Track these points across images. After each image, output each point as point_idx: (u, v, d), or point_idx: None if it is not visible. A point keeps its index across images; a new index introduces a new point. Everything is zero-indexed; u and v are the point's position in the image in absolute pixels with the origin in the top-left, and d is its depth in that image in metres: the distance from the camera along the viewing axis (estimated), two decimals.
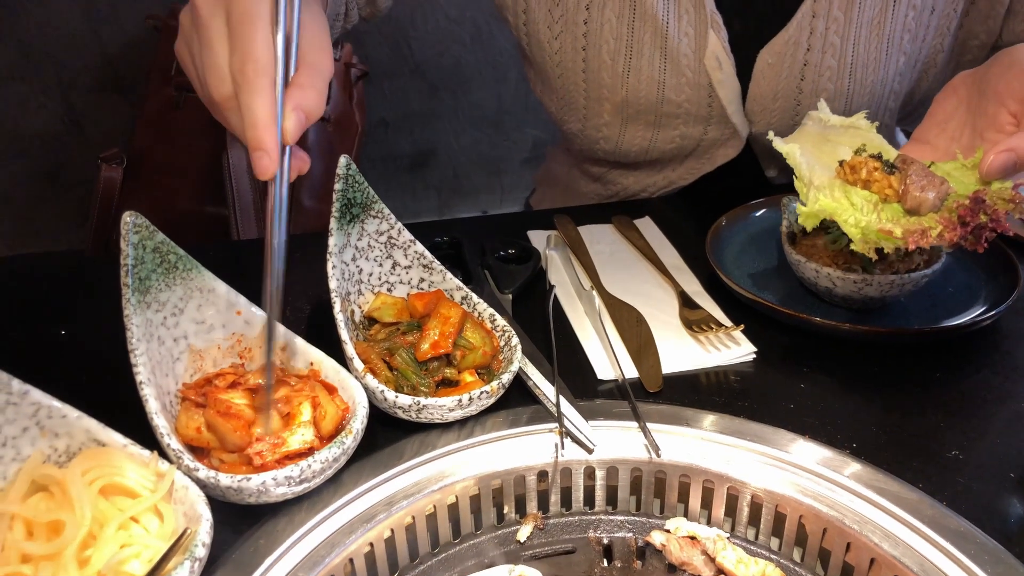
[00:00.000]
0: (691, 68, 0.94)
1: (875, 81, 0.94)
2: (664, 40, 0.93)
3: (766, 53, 0.93)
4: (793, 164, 0.74)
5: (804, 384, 0.71)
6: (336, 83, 1.65)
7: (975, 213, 0.65)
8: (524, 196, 1.36)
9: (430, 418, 0.64)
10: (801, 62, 0.93)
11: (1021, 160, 0.66)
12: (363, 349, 0.67)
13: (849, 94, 0.94)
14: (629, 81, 0.97)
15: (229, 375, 0.63)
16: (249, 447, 0.59)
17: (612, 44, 0.95)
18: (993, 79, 0.71)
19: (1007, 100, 0.69)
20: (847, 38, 0.91)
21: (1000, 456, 0.63)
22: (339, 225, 0.69)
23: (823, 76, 0.93)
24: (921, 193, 0.68)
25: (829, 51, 0.92)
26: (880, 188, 0.71)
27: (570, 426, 0.65)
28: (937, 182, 0.68)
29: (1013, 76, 0.70)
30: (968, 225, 0.65)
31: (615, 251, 0.92)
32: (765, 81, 0.95)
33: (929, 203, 0.68)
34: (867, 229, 0.67)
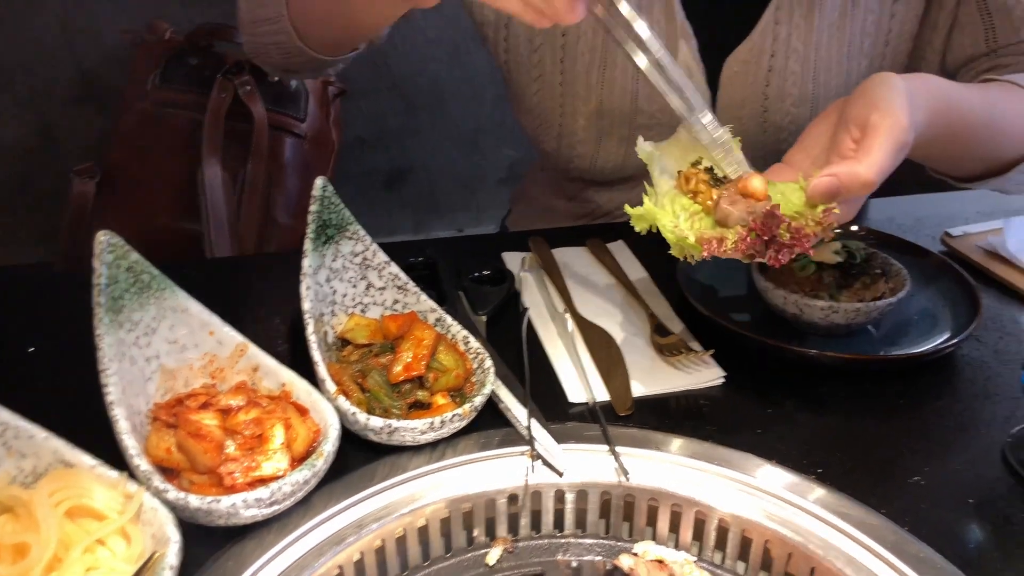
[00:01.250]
0: None
1: (839, 84, 0.96)
2: None
3: (732, 61, 0.96)
4: (649, 169, 0.75)
5: (771, 409, 0.72)
6: (314, 100, 1.65)
7: (768, 227, 0.66)
8: (500, 215, 1.37)
9: (402, 441, 0.64)
10: (766, 68, 0.95)
11: (843, 187, 0.66)
12: (335, 371, 0.67)
13: (814, 98, 0.97)
14: (603, 92, 0.98)
15: (201, 396, 0.63)
16: (220, 468, 0.59)
17: (587, 56, 0.97)
18: (849, 104, 0.72)
19: (850, 126, 0.70)
20: (809, 43, 0.93)
21: (960, 482, 0.64)
22: (314, 246, 0.69)
23: (787, 81, 0.96)
24: (728, 206, 0.69)
25: (792, 56, 0.94)
26: (703, 199, 0.72)
27: (541, 449, 0.66)
28: (751, 201, 0.69)
29: (862, 103, 0.70)
30: (760, 238, 0.66)
31: (588, 274, 0.93)
32: (733, 88, 0.97)
33: (735, 217, 0.68)
34: (680, 236, 0.69)
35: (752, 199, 0.69)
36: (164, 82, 1.53)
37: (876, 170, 0.65)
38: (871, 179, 0.65)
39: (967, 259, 0.93)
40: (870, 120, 0.68)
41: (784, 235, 0.66)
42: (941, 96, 0.76)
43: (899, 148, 0.67)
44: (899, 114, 0.67)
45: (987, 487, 0.64)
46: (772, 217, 0.66)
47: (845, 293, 0.78)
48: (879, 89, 0.70)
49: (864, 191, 0.67)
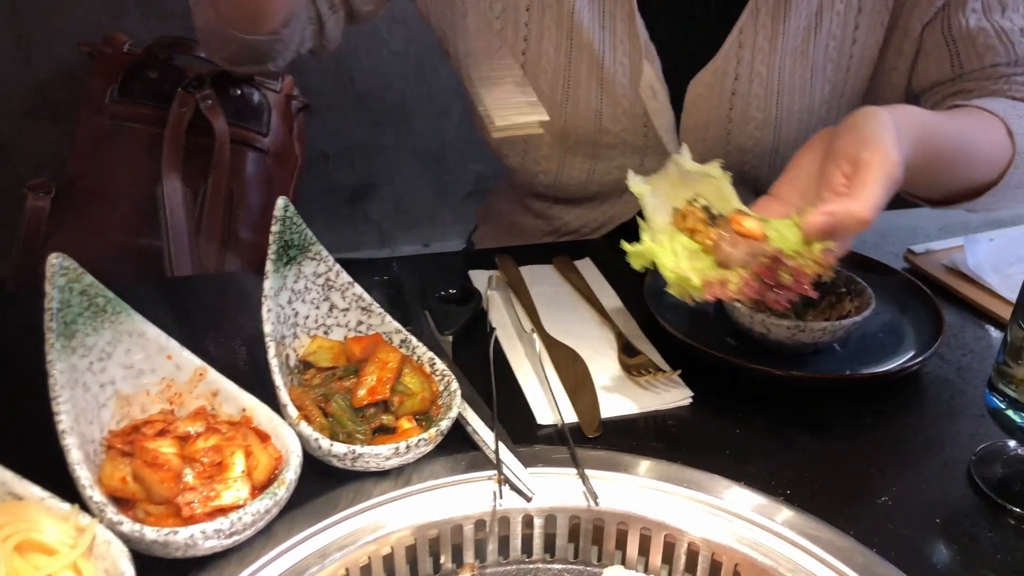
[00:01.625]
0: (627, 98, 0.96)
1: (802, 108, 0.97)
2: (600, 70, 0.95)
3: (696, 84, 0.96)
4: (642, 205, 0.76)
5: (740, 429, 0.72)
6: (277, 114, 1.63)
7: (772, 272, 0.67)
8: (467, 230, 1.36)
9: (366, 467, 0.63)
10: (730, 91, 0.96)
11: (839, 224, 0.67)
12: (297, 395, 0.65)
13: (777, 122, 0.97)
14: (567, 111, 0.98)
15: (158, 422, 0.61)
16: (177, 498, 0.57)
17: (550, 75, 0.97)
18: (837, 138, 0.72)
19: (840, 161, 0.70)
20: (772, 67, 0.94)
21: (926, 502, 0.64)
22: (275, 267, 0.67)
23: (751, 105, 0.96)
24: (730, 248, 0.69)
25: (756, 80, 0.95)
26: (702, 238, 0.72)
27: (509, 474, 0.65)
28: (750, 241, 0.70)
29: (851, 139, 0.70)
30: (764, 284, 0.67)
31: (556, 292, 0.92)
32: (697, 111, 0.97)
33: (737, 259, 0.69)
34: (681, 275, 0.69)
35: (751, 239, 0.69)
36: (122, 96, 1.49)
37: (871, 207, 0.66)
38: (867, 216, 0.66)
39: (930, 276, 0.94)
40: (861, 156, 0.68)
41: (786, 278, 0.66)
42: (921, 127, 0.77)
43: (891, 184, 0.67)
44: (890, 150, 0.68)
45: (953, 506, 0.64)
46: (776, 262, 0.66)
47: (811, 312, 0.78)
48: (868, 124, 0.70)
49: (860, 228, 0.67)
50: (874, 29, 0.95)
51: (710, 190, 0.80)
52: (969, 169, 0.85)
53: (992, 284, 0.89)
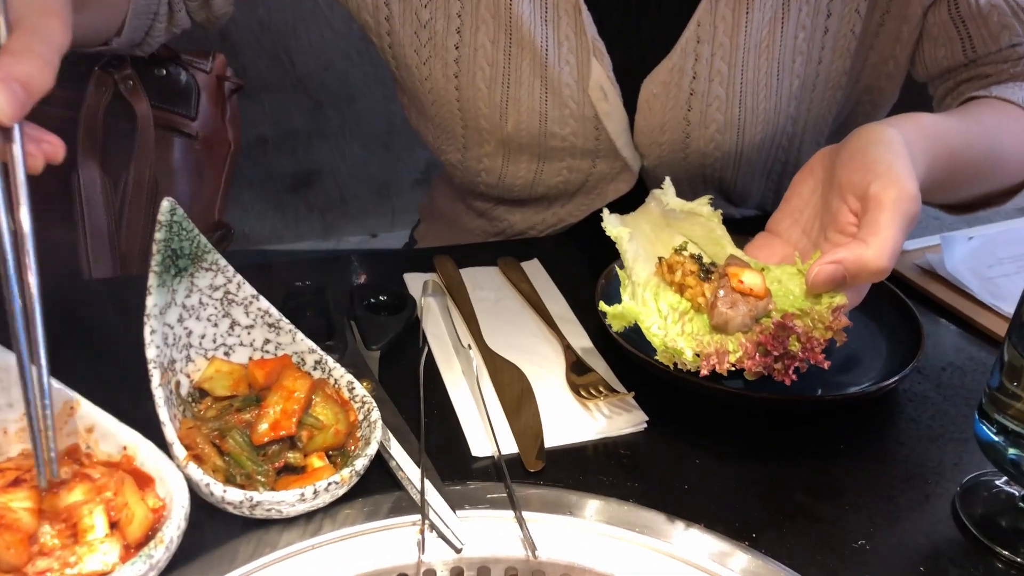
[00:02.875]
0: (575, 99, 0.87)
1: (767, 108, 0.88)
2: (544, 69, 0.86)
3: (650, 83, 0.87)
4: (621, 252, 0.67)
5: (699, 459, 0.64)
6: (207, 97, 1.51)
7: (779, 341, 0.58)
8: (416, 218, 1.27)
9: (267, 515, 0.54)
10: (687, 91, 0.87)
11: (850, 274, 0.58)
12: (188, 431, 0.56)
13: (741, 123, 0.88)
14: (508, 111, 0.88)
15: (10, 471, 0.51)
16: (28, 566, 0.47)
17: (487, 71, 0.87)
18: (839, 166, 0.63)
19: (847, 195, 0.61)
20: (735, 64, 0.85)
21: (907, 545, 0.57)
22: (160, 281, 0.57)
23: (711, 106, 0.87)
24: (729, 310, 0.60)
25: (716, 79, 0.86)
26: (693, 295, 0.64)
27: (436, 519, 0.56)
28: (751, 300, 0.61)
29: (856, 167, 0.61)
30: (770, 355, 0.58)
31: (500, 298, 0.83)
32: (651, 112, 0.88)
33: (737, 323, 0.60)
34: (667, 341, 0.60)
35: (751, 297, 0.60)
36: None
37: (886, 254, 0.57)
38: (882, 265, 0.57)
39: (902, 278, 0.87)
40: (871, 191, 0.59)
41: (795, 346, 0.58)
42: (937, 138, 0.68)
43: (908, 222, 0.58)
44: (904, 182, 0.58)
45: (938, 549, 0.57)
46: (783, 329, 0.58)
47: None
48: (875, 149, 0.61)
49: (874, 279, 0.59)
50: (849, 16, 0.86)
51: (698, 231, 0.71)
52: (997, 174, 0.78)
53: (971, 288, 0.82)
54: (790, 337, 0.58)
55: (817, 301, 0.61)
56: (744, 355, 0.59)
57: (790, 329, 0.58)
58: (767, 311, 0.61)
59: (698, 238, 0.72)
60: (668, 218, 0.73)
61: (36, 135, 0.49)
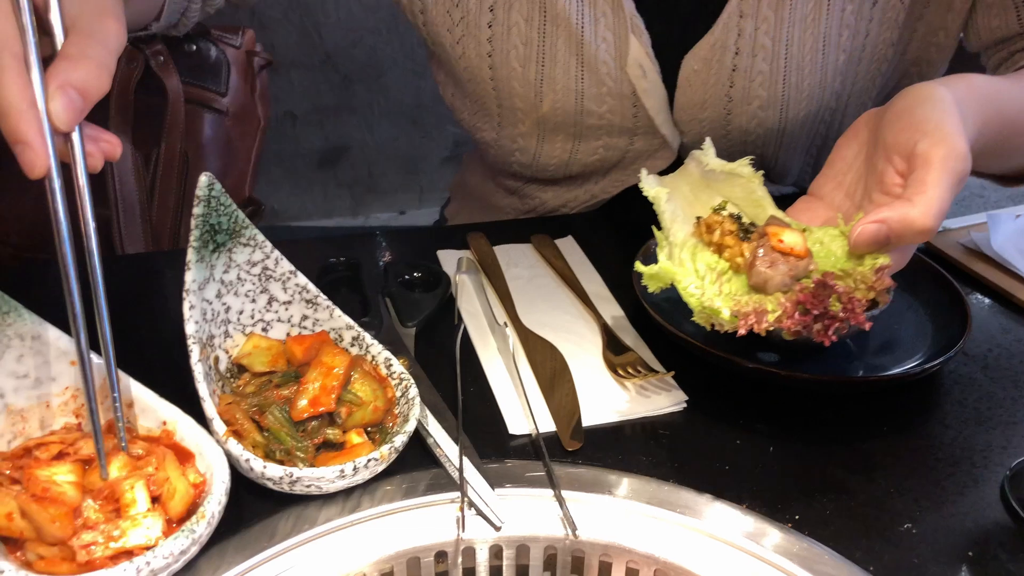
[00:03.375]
0: (612, 77, 0.85)
1: (812, 84, 0.85)
2: (580, 46, 0.84)
3: (691, 59, 0.84)
4: (658, 212, 0.65)
5: (740, 440, 0.63)
6: (236, 72, 1.51)
7: (819, 300, 0.56)
8: (445, 196, 1.26)
9: (307, 491, 0.54)
10: (729, 67, 0.84)
11: (894, 234, 0.56)
12: (227, 407, 0.56)
13: (785, 100, 0.86)
14: (543, 90, 0.87)
15: (54, 444, 0.51)
16: (74, 538, 0.47)
17: (521, 50, 0.85)
18: (885, 127, 0.61)
19: (893, 156, 0.59)
20: (779, 39, 0.82)
21: (955, 530, 0.56)
22: (199, 256, 0.57)
23: (754, 82, 0.85)
24: (768, 269, 0.59)
25: (760, 54, 0.83)
26: (732, 255, 0.62)
27: (475, 497, 0.56)
28: (791, 259, 0.59)
29: (902, 127, 0.59)
30: (809, 313, 0.56)
31: (534, 276, 0.82)
32: (692, 89, 0.86)
33: (776, 282, 0.59)
34: (703, 300, 0.59)
35: (791, 256, 0.59)
36: None
37: (933, 214, 0.55)
38: (928, 225, 0.55)
39: (947, 257, 0.85)
40: (918, 149, 0.57)
41: (835, 306, 0.56)
42: (990, 99, 0.65)
43: (957, 182, 0.56)
44: (954, 140, 0.56)
45: (986, 534, 0.56)
46: (824, 288, 0.56)
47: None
48: (923, 108, 0.59)
49: (919, 239, 0.57)
50: None
51: (738, 192, 0.69)
52: None
53: (1018, 267, 0.80)
54: (831, 296, 0.56)
55: (860, 262, 0.59)
56: (783, 314, 0.56)
57: (831, 288, 0.56)
58: (807, 271, 0.59)
59: (738, 199, 0.70)
60: (708, 179, 0.71)
61: (94, 134, 0.49)
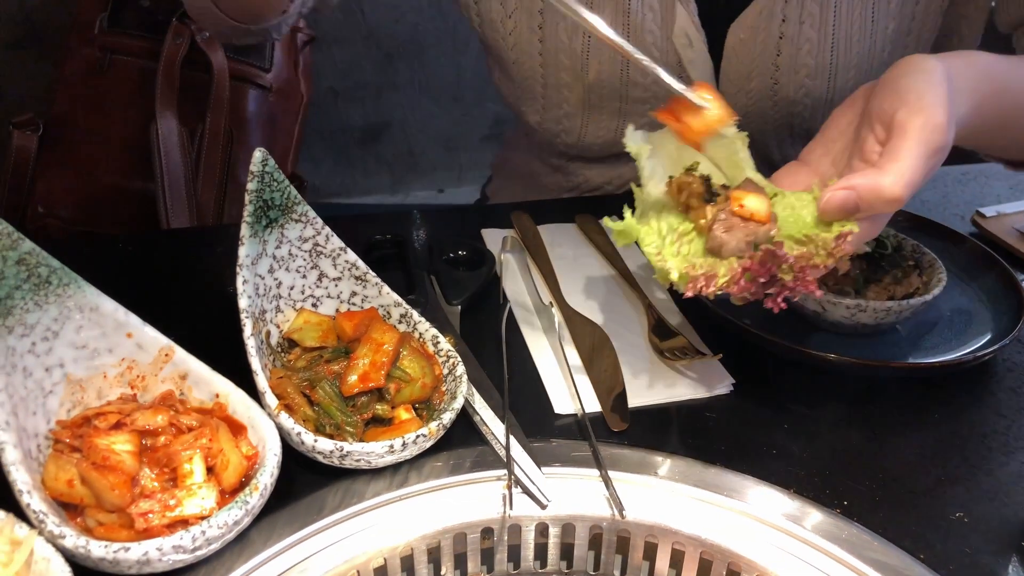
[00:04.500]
0: (657, 47, 0.84)
1: (860, 53, 0.83)
2: (627, 16, 0.83)
3: (737, 28, 0.83)
4: (639, 168, 0.64)
5: (787, 424, 0.62)
6: (280, 48, 1.52)
7: (765, 267, 0.55)
8: (484, 175, 1.26)
9: (356, 465, 0.55)
10: (776, 35, 0.83)
11: (863, 202, 0.55)
12: (279, 381, 0.56)
13: (833, 69, 0.84)
14: (589, 62, 0.86)
15: (112, 414, 0.52)
16: (131, 507, 0.48)
17: (570, 21, 0.85)
18: (874, 96, 0.60)
19: (875, 123, 0.59)
20: (827, 5, 0.81)
21: (1008, 519, 0.55)
22: (252, 232, 0.58)
23: (802, 50, 0.83)
24: (724, 234, 0.57)
25: (808, 21, 0.82)
26: (696, 217, 0.61)
27: (521, 475, 0.56)
28: (751, 225, 0.58)
29: (886, 95, 0.58)
30: (755, 281, 0.55)
31: (578, 255, 0.82)
32: (738, 59, 0.85)
33: (731, 247, 0.57)
34: (658, 260, 0.58)
35: (752, 222, 0.58)
36: (113, 25, 1.38)
37: (903, 183, 0.54)
38: (897, 194, 0.54)
39: (1001, 242, 0.83)
40: (896, 118, 0.56)
41: (787, 275, 0.55)
42: (989, 77, 0.64)
43: (932, 153, 0.55)
44: (933, 111, 0.55)
45: None
46: (772, 257, 0.55)
47: (873, 288, 0.68)
48: (908, 79, 0.58)
49: (888, 208, 0.56)
50: None
51: (721, 153, 0.67)
52: None
53: None
54: (780, 265, 0.55)
55: (827, 228, 0.57)
56: (731, 280, 0.56)
57: (780, 258, 0.55)
58: (768, 237, 0.58)
59: (720, 160, 0.68)
60: None
61: None
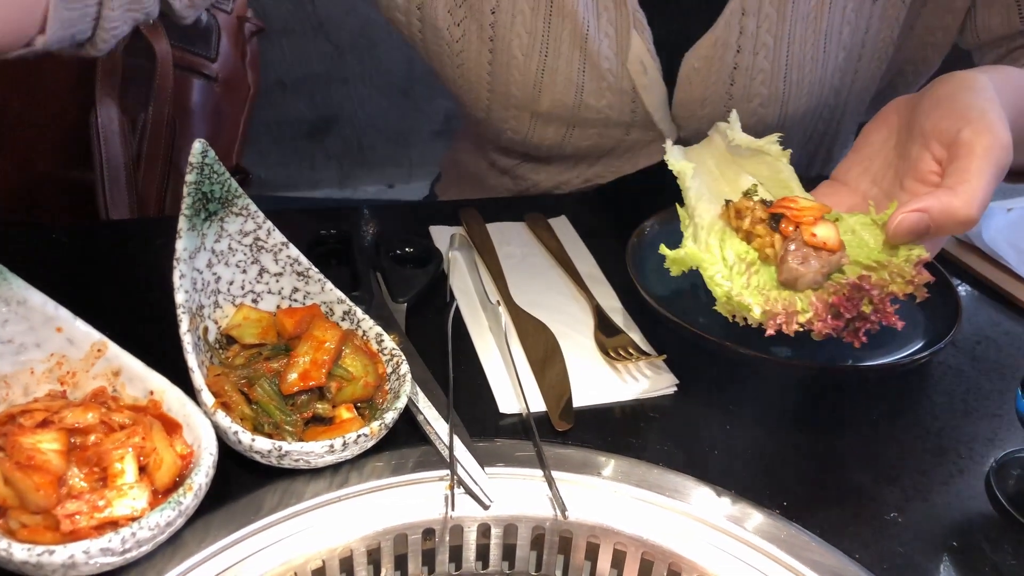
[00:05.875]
0: (613, 72, 0.84)
1: (812, 81, 0.85)
2: (584, 40, 0.82)
3: (692, 57, 0.83)
4: (683, 188, 0.63)
5: (730, 425, 0.63)
6: (227, 38, 1.48)
7: (853, 303, 0.55)
8: (434, 171, 1.25)
9: (295, 465, 0.53)
10: (731, 65, 0.83)
11: (935, 223, 0.55)
12: (216, 378, 0.55)
13: (785, 97, 0.85)
14: (544, 83, 0.85)
15: (39, 411, 0.50)
16: (58, 507, 0.47)
17: (525, 39, 0.84)
18: (922, 114, 0.60)
19: (931, 143, 0.58)
20: (781, 37, 0.81)
21: (940, 519, 0.56)
22: (191, 225, 0.56)
23: (755, 80, 0.84)
24: (800, 266, 0.57)
25: (761, 52, 0.82)
26: (761, 245, 0.60)
27: (464, 475, 0.55)
28: (824, 254, 0.57)
29: (942, 114, 0.58)
30: (842, 317, 0.55)
31: (527, 254, 0.82)
32: (692, 87, 0.85)
33: (807, 279, 0.57)
34: (731, 293, 0.57)
35: (824, 251, 0.57)
36: None
37: (976, 204, 0.54)
38: (971, 216, 0.54)
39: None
40: (961, 137, 0.56)
41: (867, 307, 0.55)
42: (1020, 91, 0.64)
43: (1000, 172, 0.55)
44: (998, 129, 0.55)
45: (971, 524, 0.56)
46: (858, 291, 0.54)
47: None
48: (966, 95, 0.58)
49: (960, 230, 0.56)
50: None
51: (764, 171, 0.67)
52: None
53: (1009, 262, 0.80)
54: (864, 298, 0.55)
55: (894, 253, 0.57)
56: (814, 316, 0.55)
57: (865, 291, 0.55)
58: (839, 265, 0.58)
59: (764, 178, 0.68)
60: (734, 154, 0.69)
61: None
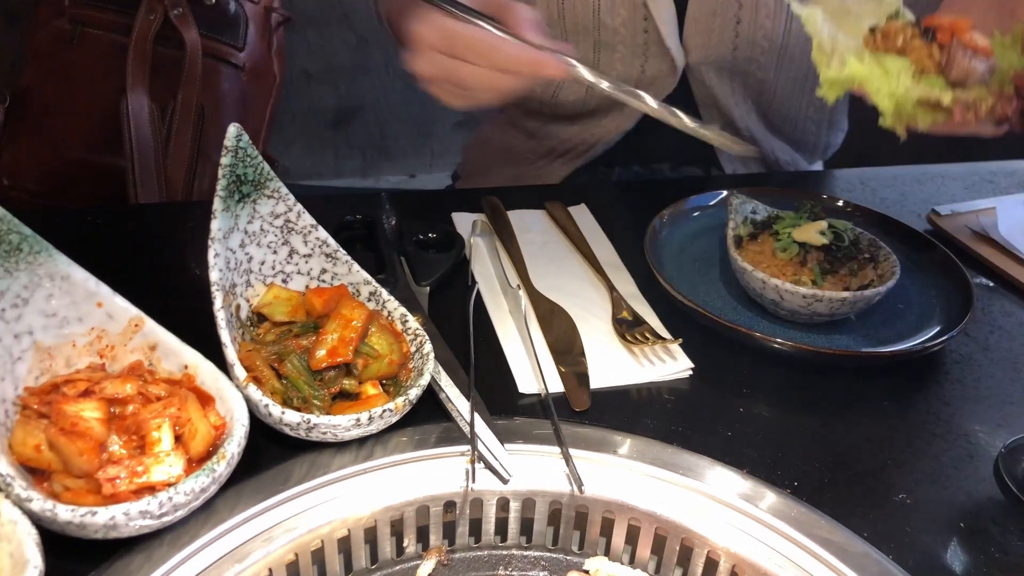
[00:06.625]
0: None
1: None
2: None
3: None
4: (812, 31, 0.63)
5: (743, 408, 0.64)
6: (254, 28, 1.51)
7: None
8: (455, 162, 1.27)
9: (322, 438, 0.56)
10: None
11: None
12: (247, 354, 0.57)
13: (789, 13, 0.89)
14: (564, 5, 0.90)
15: (81, 382, 0.53)
16: (100, 471, 0.49)
17: None
18: None
19: None
20: None
21: (948, 502, 0.58)
22: (225, 206, 0.58)
23: None
24: (969, 62, 0.58)
25: None
26: (919, 58, 0.60)
27: (484, 451, 0.57)
28: (983, 56, 0.58)
29: None
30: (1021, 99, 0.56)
31: (546, 241, 0.84)
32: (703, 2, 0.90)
33: (978, 73, 0.58)
34: (903, 100, 0.58)
35: (980, 52, 0.58)
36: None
37: None
38: None
39: (954, 240, 0.86)
40: None
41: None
42: None
43: None
44: None
45: (979, 508, 0.57)
46: None
47: (830, 279, 0.70)
48: None
49: None
50: None
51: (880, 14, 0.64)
52: None
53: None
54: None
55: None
56: (996, 101, 0.57)
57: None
58: (995, 68, 0.59)
59: None
60: (846, 4, 0.69)
61: None
